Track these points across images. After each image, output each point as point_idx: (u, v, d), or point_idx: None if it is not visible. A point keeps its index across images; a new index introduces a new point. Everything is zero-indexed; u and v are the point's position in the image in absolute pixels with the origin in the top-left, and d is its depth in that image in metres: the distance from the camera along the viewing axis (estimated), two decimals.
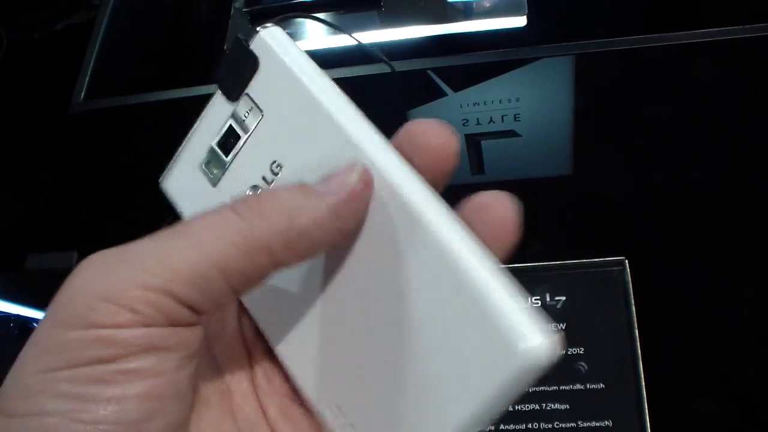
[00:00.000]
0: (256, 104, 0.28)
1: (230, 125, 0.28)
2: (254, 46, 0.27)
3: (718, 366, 0.50)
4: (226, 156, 0.28)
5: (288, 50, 0.27)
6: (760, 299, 0.51)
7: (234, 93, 0.28)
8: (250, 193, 0.28)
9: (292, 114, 0.27)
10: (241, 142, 0.28)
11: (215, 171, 0.29)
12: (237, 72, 0.28)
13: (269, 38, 0.27)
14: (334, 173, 0.24)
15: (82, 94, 0.72)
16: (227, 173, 0.29)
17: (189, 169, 0.30)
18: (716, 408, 0.49)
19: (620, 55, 0.65)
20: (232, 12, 0.73)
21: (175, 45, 0.77)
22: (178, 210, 0.30)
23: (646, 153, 0.60)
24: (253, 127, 0.28)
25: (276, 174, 0.27)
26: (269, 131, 0.27)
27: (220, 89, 0.29)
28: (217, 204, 0.24)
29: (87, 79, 0.72)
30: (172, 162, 0.30)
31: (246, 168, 0.28)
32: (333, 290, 0.26)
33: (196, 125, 0.30)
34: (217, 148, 0.29)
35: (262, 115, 0.27)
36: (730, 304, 0.52)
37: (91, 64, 0.72)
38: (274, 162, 0.27)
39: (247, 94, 0.28)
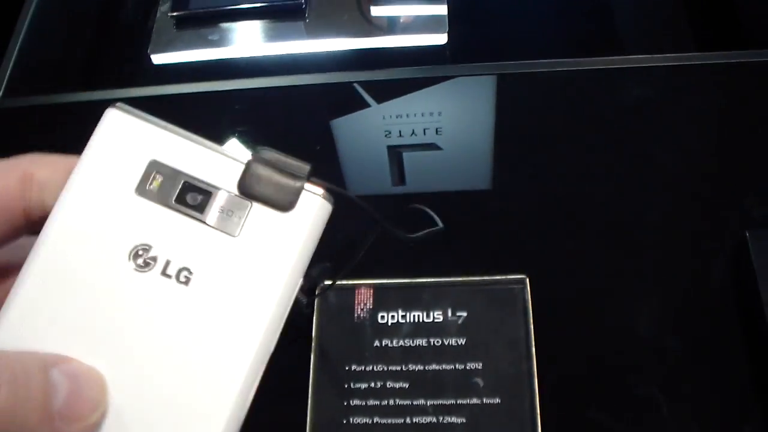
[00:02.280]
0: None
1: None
2: None
3: (612, 383, 0.51)
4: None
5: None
6: (656, 320, 0.53)
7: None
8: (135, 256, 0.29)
9: None
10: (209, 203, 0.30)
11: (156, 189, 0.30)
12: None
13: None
14: (81, 398, 0.26)
15: (1, 91, 0.71)
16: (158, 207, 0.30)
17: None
18: (609, 422, 0.50)
19: (539, 76, 0.66)
20: (157, 15, 0.72)
21: (99, 46, 0.76)
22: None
23: (558, 172, 0.62)
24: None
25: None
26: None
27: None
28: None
29: (7, 75, 0.71)
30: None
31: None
32: None
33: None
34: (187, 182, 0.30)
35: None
36: (624, 322, 0.53)
37: (12, 61, 0.71)
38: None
39: None
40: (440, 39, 0.69)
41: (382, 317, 0.53)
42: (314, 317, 0.53)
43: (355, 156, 0.66)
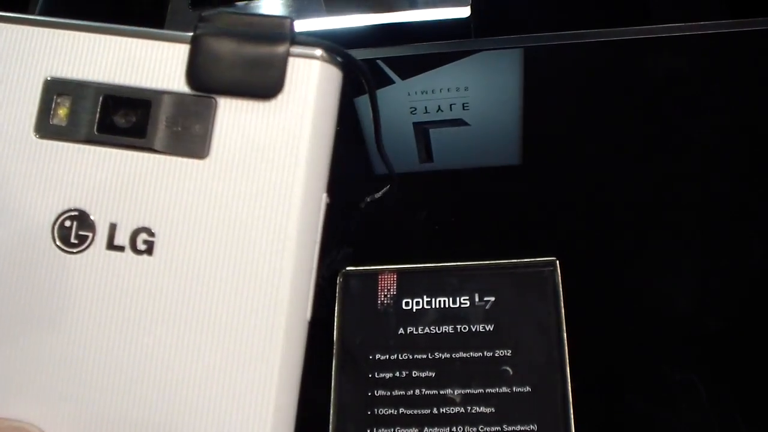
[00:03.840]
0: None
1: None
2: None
3: (646, 367, 0.50)
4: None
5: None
6: (690, 302, 0.51)
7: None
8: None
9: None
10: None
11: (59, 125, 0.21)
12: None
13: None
14: None
15: None
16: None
17: None
18: (643, 410, 0.49)
19: (568, 49, 0.64)
20: None
21: None
22: None
23: (589, 147, 0.60)
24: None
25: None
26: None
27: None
28: None
29: None
30: None
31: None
32: None
33: None
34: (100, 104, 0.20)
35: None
36: (659, 305, 0.52)
37: None
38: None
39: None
40: (463, 12, 0.67)
41: (407, 304, 0.51)
42: (336, 305, 0.51)
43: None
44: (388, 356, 0.50)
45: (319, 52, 0.20)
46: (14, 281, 0.19)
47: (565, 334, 0.49)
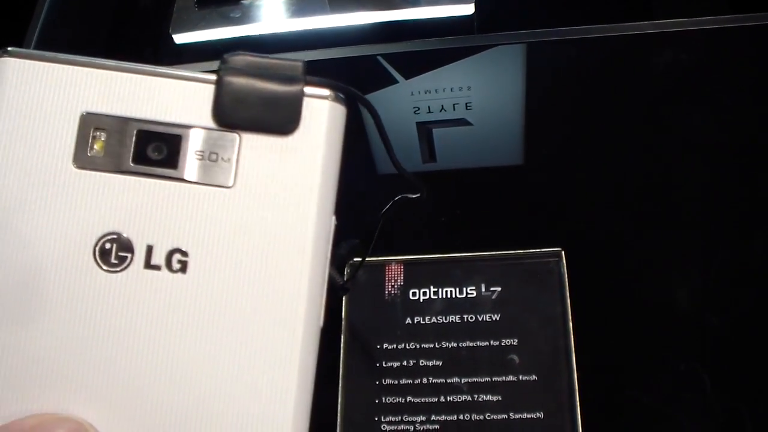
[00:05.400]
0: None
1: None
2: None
3: (651, 357, 0.50)
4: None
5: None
6: (695, 294, 0.51)
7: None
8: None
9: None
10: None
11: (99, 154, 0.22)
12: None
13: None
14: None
15: None
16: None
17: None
18: (647, 399, 0.49)
19: (571, 45, 0.65)
20: None
21: (120, 27, 0.75)
22: None
23: (593, 144, 0.60)
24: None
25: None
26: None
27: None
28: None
29: None
30: None
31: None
32: None
33: None
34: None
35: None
36: (665, 295, 0.52)
37: (33, 44, 0.71)
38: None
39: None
40: (467, 9, 0.67)
41: (414, 294, 0.52)
42: (343, 296, 0.52)
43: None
44: (395, 345, 0.50)
45: (328, 92, 0.22)
46: (60, 299, 0.21)
47: (570, 324, 0.49)
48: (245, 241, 0.22)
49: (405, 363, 0.50)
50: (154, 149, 0.22)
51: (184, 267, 0.22)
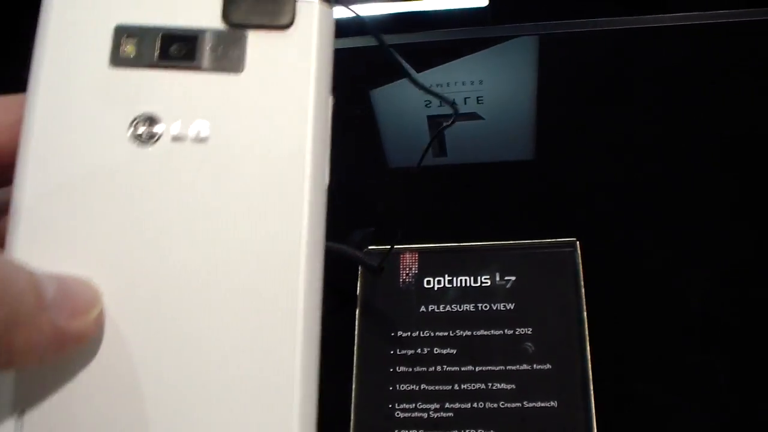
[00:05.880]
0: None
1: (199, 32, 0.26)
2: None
3: (664, 349, 0.50)
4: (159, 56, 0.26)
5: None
6: (708, 286, 0.51)
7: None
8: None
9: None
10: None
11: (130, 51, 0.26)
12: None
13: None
14: (73, 295, 0.23)
15: None
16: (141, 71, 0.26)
17: None
18: (661, 389, 0.49)
19: (585, 38, 0.65)
20: None
21: None
22: None
23: (606, 138, 0.60)
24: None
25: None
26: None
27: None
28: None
29: None
30: None
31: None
32: None
33: None
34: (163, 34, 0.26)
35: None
36: (679, 289, 0.52)
37: None
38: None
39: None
40: (482, 1, 0.67)
41: (428, 282, 0.52)
42: (358, 284, 0.52)
43: (394, 127, 0.65)
44: (409, 333, 0.50)
45: None
46: (100, 174, 0.25)
47: (585, 314, 0.49)
48: (254, 113, 0.26)
49: (419, 351, 0.50)
50: (176, 48, 0.26)
51: (204, 138, 0.25)
